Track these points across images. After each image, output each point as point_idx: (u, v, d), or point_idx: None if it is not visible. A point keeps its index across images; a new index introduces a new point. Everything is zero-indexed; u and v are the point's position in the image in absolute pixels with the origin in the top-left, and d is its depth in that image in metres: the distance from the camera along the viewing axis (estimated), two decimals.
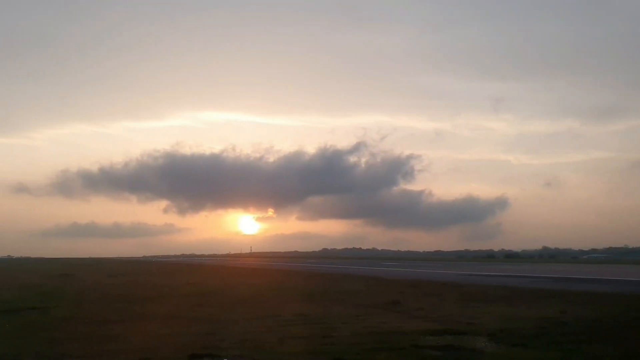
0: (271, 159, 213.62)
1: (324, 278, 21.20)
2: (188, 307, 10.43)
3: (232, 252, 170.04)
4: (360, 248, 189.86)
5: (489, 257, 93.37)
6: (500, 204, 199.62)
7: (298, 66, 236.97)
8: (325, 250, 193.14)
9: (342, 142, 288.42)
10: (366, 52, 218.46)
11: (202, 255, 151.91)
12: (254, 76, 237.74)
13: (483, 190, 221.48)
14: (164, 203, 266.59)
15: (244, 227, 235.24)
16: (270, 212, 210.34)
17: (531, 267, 35.65)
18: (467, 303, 10.68)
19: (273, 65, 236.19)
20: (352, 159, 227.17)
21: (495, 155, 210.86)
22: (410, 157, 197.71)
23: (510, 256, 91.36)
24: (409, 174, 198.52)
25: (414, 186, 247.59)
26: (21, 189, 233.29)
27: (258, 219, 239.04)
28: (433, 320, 8.20)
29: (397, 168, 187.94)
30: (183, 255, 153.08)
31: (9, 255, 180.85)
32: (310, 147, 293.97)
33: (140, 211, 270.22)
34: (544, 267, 34.05)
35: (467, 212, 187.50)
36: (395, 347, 6.11)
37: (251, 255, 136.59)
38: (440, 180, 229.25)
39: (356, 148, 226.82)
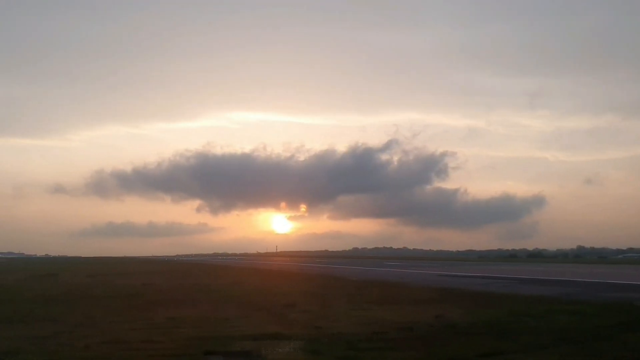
0: (301, 157, 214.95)
1: (285, 277, 21.06)
2: (99, 308, 10.56)
3: (259, 251, 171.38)
4: (392, 247, 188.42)
5: (511, 256, 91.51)
6: (537, 202, 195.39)
7: (328, 65, 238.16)
8: (355, 249, 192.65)
9: (374, 140, 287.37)
10: (397, 50, 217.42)
11: (227, 254, 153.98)
12: (284, 76, 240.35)
13: (519, 188, 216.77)
14: (196, 202, 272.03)
15: (277, 226, 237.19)
16: (303, 209, 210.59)
17: (531, 267, 34.65)
18: (370, 305, 10.47)
19: (304, 64, 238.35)
20: (384, 157, 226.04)
21: (531, 152, 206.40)
22: (444, 154, 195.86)
23: (534, 255, 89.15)
24: (442, 172, 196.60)
25: (448, 184, 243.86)
26: (58, 189, 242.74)
27: (290, 218, 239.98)
28: (293, 324, 8.06)
29: (431, 166, 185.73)
30: (206, 255, 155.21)
31: (46, 254, 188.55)
32: (341, 146, 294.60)
33: (174, 211, 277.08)
34: (548, 268, 33.03)
35: (503, 210, 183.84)
36: (190, 353, 6.03)
37: (276, 254, 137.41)
38: (475, 178, 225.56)
39: (388, 146, 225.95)
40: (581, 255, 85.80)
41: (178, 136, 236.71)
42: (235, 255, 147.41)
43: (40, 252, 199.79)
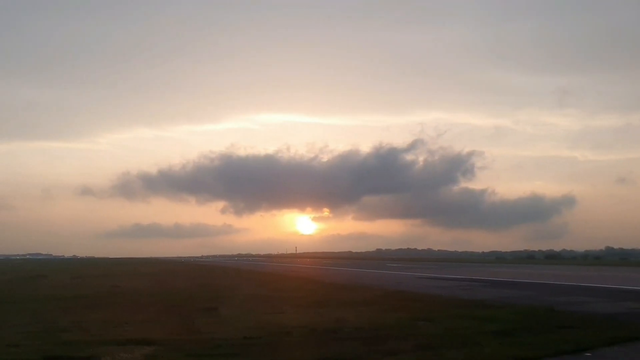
0: (325, 158, 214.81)
1: (257, 279, 20.92)
2: (27, 311, 10.75)
3: (279, 252, 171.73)
4: (416, 249, 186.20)
5: (529, 257, 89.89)
6: (567, 202, 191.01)
7: (352, 65, 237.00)
8: (379, 250, 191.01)
9: (398, 140, 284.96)
10: (422, 48, 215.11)
11: (251, 255, 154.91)
12: (308, 77, 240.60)
13: (548, 188, 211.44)
14: (221, 204, 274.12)
15: (301, 227, 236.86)
16: (326, 212, 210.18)
17: (529, 270, 33.92)
18: (294, 308, 10.39)
19: (327, 65, 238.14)
20: (409, 157, 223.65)
21: (560, 151, 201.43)
22: (471, 154, 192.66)
23: (552, 257, 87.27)
24: (469, 172, 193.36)
25: (475, 184, 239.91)
26: (85, 191, 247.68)
27: (314, 219, 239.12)
28: (179, 329, 8.07)
29: (457, 166, 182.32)
30: (227, 256, 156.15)
31: (74, 256, 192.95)
32: (365, 146, 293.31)
33: (200, 212, 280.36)
34: (545, 271, 32.31)
35: (532, 211, 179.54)
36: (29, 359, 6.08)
37: (294, 255, 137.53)
38: (503, 178, 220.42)
39: (413, 146, 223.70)
40: (602, 257, 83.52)
41: (202, 138, 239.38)
42: (253, 256, 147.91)
43: (68, 253, 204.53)
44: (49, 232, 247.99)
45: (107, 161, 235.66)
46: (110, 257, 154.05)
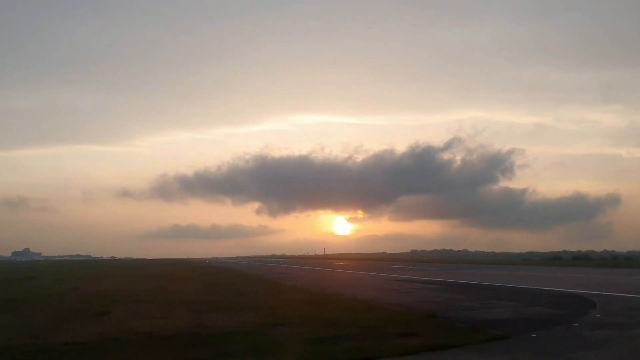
0: (359, 158, 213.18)
1: (223, 282, 21.04)
2: None
3: (308, 254, 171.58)
4: (451, 250, 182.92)
5: (555, 259, 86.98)
6: (612, 201, 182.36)
7: (387, 64, 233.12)
8: (414, 252, 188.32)
9: (434, 138, 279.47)
10: (457, 46, 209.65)
11: (285, 256, 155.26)
12: (342, 77, 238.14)
13: (592, 187, 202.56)
14: (256, 205, 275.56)
15: (338, 228, 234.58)
16: (360, 213, 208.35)
17: (526, 272, 33.02)
18: (195, 313, 10.53)
19: (361, 64, 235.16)
20: (446, 155, 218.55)
21: (604, 149, 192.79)
22: (511, 152, 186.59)
23: (579, 258, 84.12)
24: (508, 171, 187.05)
25: (515, 184, 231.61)
26: (125, 193, 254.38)
27: (350, 220, 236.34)
28: (44, 333, 8.31)
29: (497, 164, 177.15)
30: (255, 257, 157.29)
31: (112, 257, 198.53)
32: (400, 145, 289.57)
33: (236, 213, 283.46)
34: (542, 273, 31.39)
35: (575, 210, 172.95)
36: None
37: (323, 257, 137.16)
38: (544, 177, 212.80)
39: (450, 144, 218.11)
40: (632, 259, 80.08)
41: (238, 140, 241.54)
42: (278, 257, 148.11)
43: (106, 254, 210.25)
44: (89, 233, 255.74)
45: (145, 164, 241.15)
46: (148, 258, 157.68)
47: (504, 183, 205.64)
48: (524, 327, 8.31)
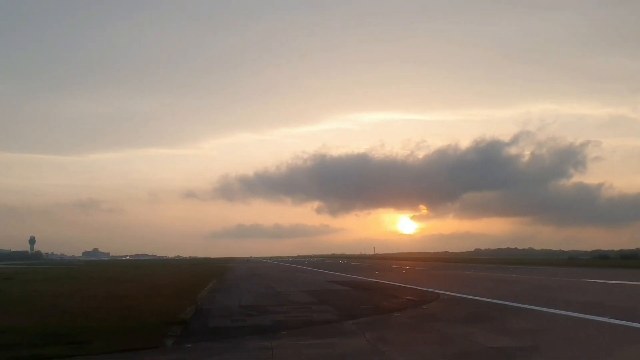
0: (420, 155, 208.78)
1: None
2: None
3: (360, 253, 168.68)
4: (516, 248, 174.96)
5: (602, 257, 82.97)
6: None
7: (449, 59, 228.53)
8: (477, 251, 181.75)
9: (501, 132, 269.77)
10: (523, 38, 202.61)
11: (344, 256, 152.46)
12: (402, 73, 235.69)
13: None
14: (316, 204, 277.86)
15: (402, 227, 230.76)
16: (424, 210, 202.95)
17: (523, 274, 32.84)
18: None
19: (423, 59, 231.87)
20: (513, 150, 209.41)
21: None
22: (584, 145, 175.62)
23: (627, 257, 79.92)
24: (580, 164, 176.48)
25: (588, 178, 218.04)
26: (189, 194, 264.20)
27: (413, 218, 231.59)
28: None
29: (568, 158, 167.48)
30: (313, 256, 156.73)
31: (177, 256, 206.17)
32: (464, 140, 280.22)
33: (297, 212, 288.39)
34: (541, 275, 31.18)
35: None
36: None
37: (372, 256, 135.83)
38: (620, 171, 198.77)
39: (517, 138, 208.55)
40: None
41: (297, 139, 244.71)
42: (326, 257, 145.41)
43: (172, 254, 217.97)
44: (155, 233, 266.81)
45: (208, 165, 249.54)
46: (212, 257, 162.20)
47: (577, 178, 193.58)
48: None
